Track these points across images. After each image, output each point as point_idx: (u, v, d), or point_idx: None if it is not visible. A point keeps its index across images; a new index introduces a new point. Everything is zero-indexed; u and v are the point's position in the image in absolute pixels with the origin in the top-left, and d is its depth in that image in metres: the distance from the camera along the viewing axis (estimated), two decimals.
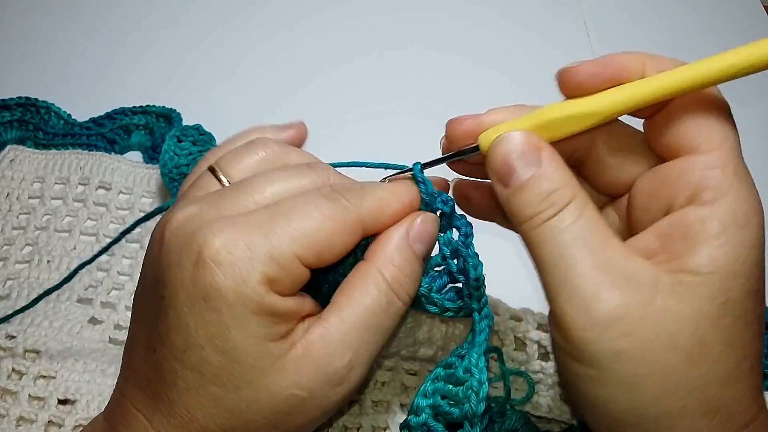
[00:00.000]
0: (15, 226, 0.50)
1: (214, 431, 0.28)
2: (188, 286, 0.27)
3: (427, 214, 0.31)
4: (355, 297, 0.29)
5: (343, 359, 0.28)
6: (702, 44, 0.67)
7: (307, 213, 0.28)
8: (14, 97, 0.57)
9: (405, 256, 0.30)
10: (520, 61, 0.65)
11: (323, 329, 0.28)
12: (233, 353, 0.27)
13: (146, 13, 0.67)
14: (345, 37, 0.66)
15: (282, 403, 0.28)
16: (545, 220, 0.27)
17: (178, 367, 0.28)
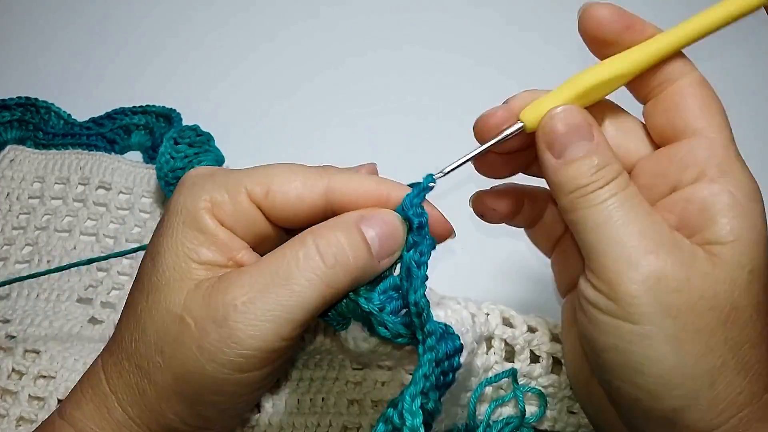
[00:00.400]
0: (15, 226, 0.50)
1: (126, 342, 0.29)
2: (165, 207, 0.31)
3: (392, 213, 0.30)
4: (278, 250, 0.29)
5: (234, 297, 0.27)
6: (702, 44, 0.67)
7: (278, 167, 0.30)
8: (14, 97, 0.57)
9: (346, 233, 0.29)
10: (520, 61, 0.65)
11: (237, 271, 0.28)
12: (157, 258, 0.29)
13: (146, 14, 0.67)
14: (344, 37, 0.66)
15: (171, 321, 0.28)
16: (595, 190, 0.28)
17: (132, 284, 0.31)
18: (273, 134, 0.59)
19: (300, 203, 0.29)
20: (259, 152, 0.56)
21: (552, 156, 0.29)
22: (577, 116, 0.29)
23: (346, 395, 0.40)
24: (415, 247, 0.30)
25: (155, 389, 0.28)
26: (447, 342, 0.30)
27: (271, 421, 0.39)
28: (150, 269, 0.29)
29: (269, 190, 0.29)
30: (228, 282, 0.28)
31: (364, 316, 0.30)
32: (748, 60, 0.67)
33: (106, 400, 0.30)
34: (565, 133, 0.29)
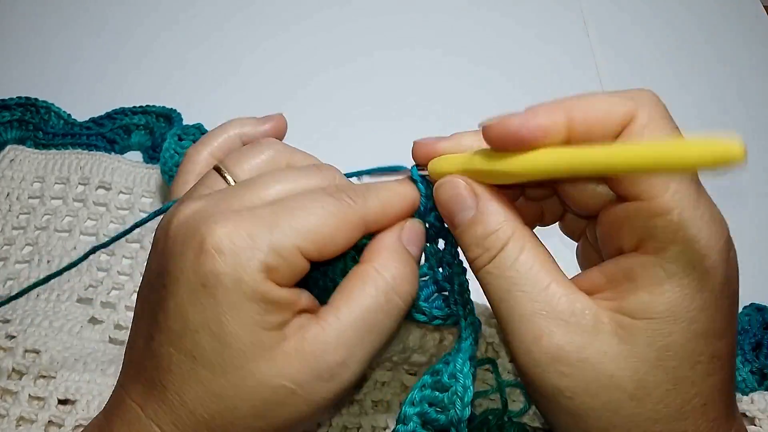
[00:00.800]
0: (15, 226, 0.50)
1: (202, 416, 0.28)
2: (189, 273, 0.27)
3: (413, 220, 0.32)
4: (353, 296, 0.29)
5: (335, 356, 0.28)
6: (702, 44, 0.67)
7: (311, 209, 0.28)
8: (14, 97, 0.57)
9: (401, 256, 0.30)
10: (520, 61, 0.65)
11: (319, 326, 0.28)
12: (225, 338, 0.27)
13: (147, 14, 0.67)
14: (345, 37, 0.66)
15: (270, 392, 0.28)
16: (484, 264, 0.29)
17: (173, 351, 0.28)
18: None
19: (347, 245, 0.30)
20: None
21: (452, 227, 0.30)
22: (454, 188, 0.30)
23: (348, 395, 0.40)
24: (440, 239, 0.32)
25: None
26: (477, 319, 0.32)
27: None
28: (219, 348, 0.28)
29: (321, 249, 0.29)
30: (319, 340, 0.28)
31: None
32: (748, 59, 0.67)
33: None
34: (447, 205, 0.30)
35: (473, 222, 0.29)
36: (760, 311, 0.47)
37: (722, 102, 0.63)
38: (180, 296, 0.28)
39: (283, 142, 0.36)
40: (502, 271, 0.28)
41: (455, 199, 0.29)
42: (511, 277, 0.28)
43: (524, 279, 0.28)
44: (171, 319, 0.28)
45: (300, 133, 0.59)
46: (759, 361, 0.45)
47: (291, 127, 0.60)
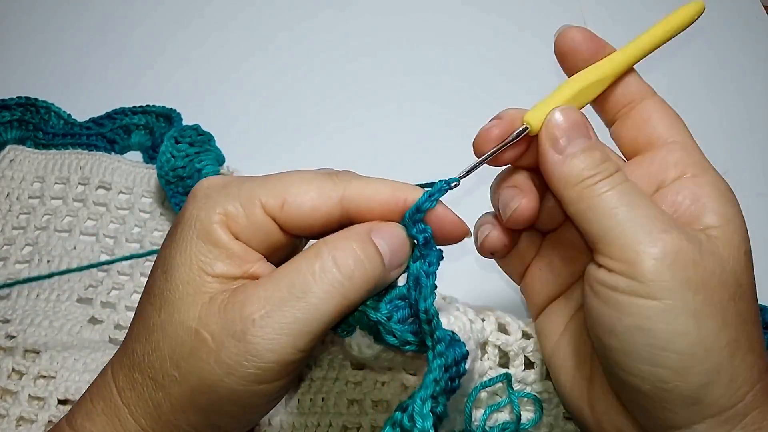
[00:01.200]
0: (15, 226, 0.50)
1: (138, 355, 0.29)
2: (176, 219, 0.30)
3: (399, 226, 0.31)
4: (293, 262, 0.29)
5: (251, 310, 0.27)
6: (702, 44, 0.67)
7: (288, 176, 0.30)
8: (14, 97, 0.57)
9: (359, 240, 0.29)
10: (520, 61, 0.65)
11: (253, 284, 0.28)
12: (170, 272, 0.29)
13: (147, 14, 0.67)
14: (345, 38, 0.66)
15: (187, 335, 0.28)
16: (601, 180, 0.30)
17: (142, 294, 0.30)
18: (273, 135, 0.59)
19: (316, 213, 0.29)
20: (259, 153, 0.56)
21: (555, 152, 0.31)
22: (576, 115, 0.31)
23: (346, 395, 0.40)
24: (423, 258, 0.31)
25: (171, 402, 0.28)
26: (455, 348, 0.30)
27: (271, 422, 0.39)
28: (162, 283, 0.29)
29: (284, 201, 0.29)
30: (244, 296, 0.28)
31: (371, 325, 0.30)
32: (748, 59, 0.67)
33: (118, 413, 0.29)
34: (567, 130, 0.31)
35: (592, 147, 0.31)
36: (761, 311, 0.47)
37: (722, 102, 0.63)
38: (162, 244, 0.30)
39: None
40: (620, 182, 0.30)
41: (576, 125, 0.31)
42: (628, 189, 0.30)
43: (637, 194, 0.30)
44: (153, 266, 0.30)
45: (300, 134, 0.59)
46: None
47: (291, 127, 0.60)
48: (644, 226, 0.29)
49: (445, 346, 0.29)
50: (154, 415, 0.29)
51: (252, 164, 0.53)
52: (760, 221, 0.54)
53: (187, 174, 0.49)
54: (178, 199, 0.48)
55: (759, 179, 0.57)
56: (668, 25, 0.34)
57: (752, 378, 0.29)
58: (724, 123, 0.61)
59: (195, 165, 0.49)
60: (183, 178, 0.49)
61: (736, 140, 0.60)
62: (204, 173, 0.49)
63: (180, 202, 0.48)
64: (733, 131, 0.60)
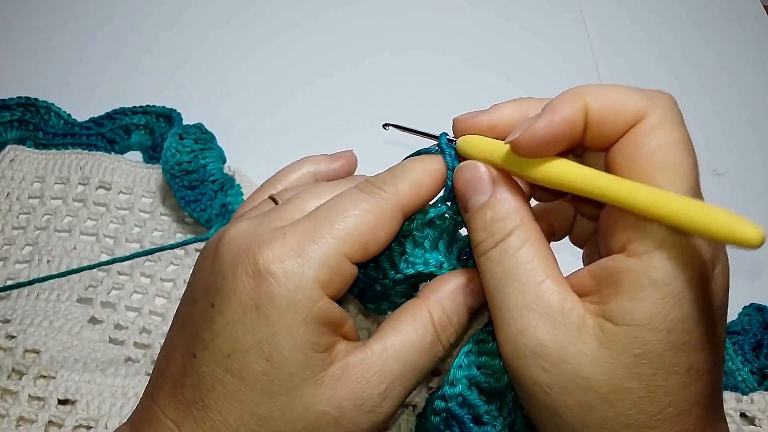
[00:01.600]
0: (15, 226, 0.50)
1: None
2: (242, 294, 0.28)
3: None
4: (401, 330, 0.30)
5: (379, 387, 0.28)
6: (702, 44, 0.67)
7: (346, 211, 0.29)
8: (14, 97, 0.57)
9: (457, 305, 0.30)
10: (520, 61, 0.65)
11: (365, 354, 0.29)
12: (278, 359, 0.28)
13: (147, 13, 0.67)
14: (346, 38, 0.66)
15: (313, 417, 0.28)
16: (487, 249, 0.29)
17: (219, 371, 0.28)
18: (274, 135, 0.59)
19: (389, 239, 0.30)
20: (260, 153, 0.56)
21: (464, 209, 0.30)
22: (476, 171, 0.30)
23: None
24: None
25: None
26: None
27: None
28: (269, 370, 0.28)
29: (366, 249, 0.29)
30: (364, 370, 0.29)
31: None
32: (748, 59, 0.67)
33: None
34: (464, 188, 0.30)
35: (485, 206, 0.29)
36: (760, 311, 0.47)
37: (722, 102, 0.63)
38: (231, 316, 0.28)
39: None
40: (502, 258, 0.28)
41: (473, 182, 0.30)
42: (509, 266, 0.28)
43: (521, 270, 0.28)
44: (219, 339, 0.28)
45: (301, 134, 0.59)
46: (759, 361, 0.45)
47: (292, 128, 0.60)
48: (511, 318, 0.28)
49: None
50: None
51: (253, 165, 0.53)
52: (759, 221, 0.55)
53: (193, 168, 0.49)
54: (183, 193, 0.49)
55: (759, 179, 0.57)
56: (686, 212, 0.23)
57: None
58: (724, 123, 0.61)
59: (200, 161, 0.50)
60: (188, 172, 0.49)
61: (736, 140, 0.60)
62: (209, 169, 0.50)
63: (185, 196, 0.49)
64: (733, 131, 0.61)
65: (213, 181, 0.50)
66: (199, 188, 0.49)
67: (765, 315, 0.47)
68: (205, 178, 0.50)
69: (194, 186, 0.49)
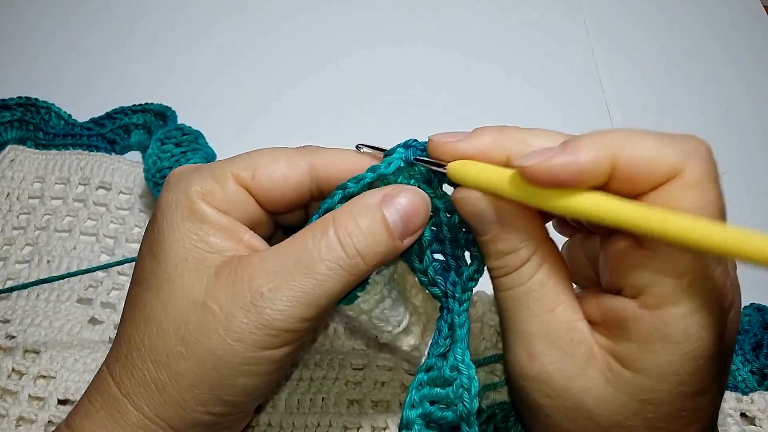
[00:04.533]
0: (15, 226, 0.50)
1: (135, 339, 0.29)
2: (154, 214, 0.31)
3: (415, 189, 0.30)
4: (298, 236, 0.29)
5: (260, 283, 0.28)
6: (702, 44, 0.67)
7: (259, 150, 0.31)
8: (15, 97, 0.57)
9: (370, 216, 0.29)
10: (520, 61, 0.65)
11: (258, 257, 0.29)
12: (162, 255, 0.29)
13: (147, 13, 0.67)
14: (341, 35, 0.66)
15: (192, 311, 0.28)
16: (500, 277, 0.29)
17: (131, 289, 0.31)
18: (269, 131, 0.59)
19: (286, 182, 0.30)
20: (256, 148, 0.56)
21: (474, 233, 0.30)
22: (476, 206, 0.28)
23: (346, 395, 0.40)
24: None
25: (177, 381, 0.28)
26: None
27: (271, 421, 0.39)
28: (154, 266, 0.29)
29: (255, 173, 0.30)
30: (251, 269, 0.28)
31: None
32: (748, 59, 0.67)
33: (117, 405, 0.29)
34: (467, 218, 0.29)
35: (494, 239, 0.28)
36: (760, 311, 0.47)
37: (723, 102, 0.63)
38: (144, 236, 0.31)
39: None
40: (514, 286, 0.28)
41: (476, 217, 0.29)
42: (522, 293, 0.28)
43: (533, 298, 0.28)
44: (137, 259, 0.31)
45: (298, 131, 0.59)
46: (759, 361, 0.45)
47: (289, 124, 0.60)
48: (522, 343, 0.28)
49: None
50: (159, 399, 0.29)
51: None
52: (760, 221, 0.55)
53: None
54: None
55: (759, 179, 0.57)
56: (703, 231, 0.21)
57: None
58: (724, 123, 0.61)
59: (182, 164, 0.49)
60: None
61: (736, 140, 0.60)
62: None
63: None
64: (733, 131, 0.60)
65: None
66: None
67: (765, 315, 0.47)
68: None
69: None
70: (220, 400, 0.29)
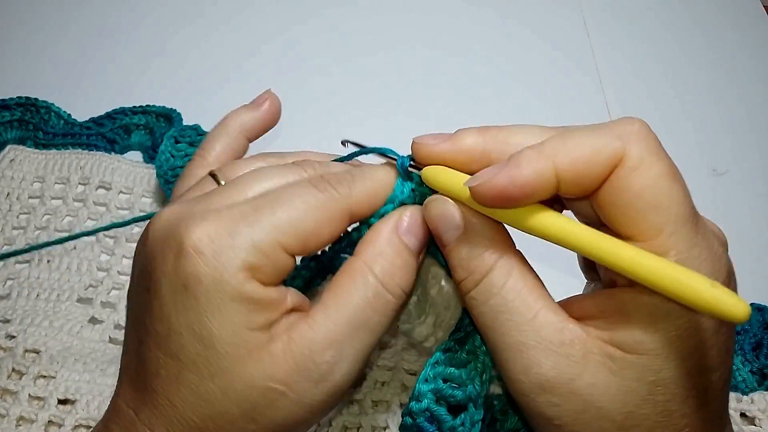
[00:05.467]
0: (15, 225, 0.50)
1: (193, 419, 0.28)
2: (170, 275, 0.27)
3: (416, 207, 0.30)
4: (341, 293, 0.29)
5: (324, 356, 0.28)
6: (702, 44, 0.67)
7: (292, 202, 0.28)
8: (14, 97, 0.57)
9: (395, 248, 0.29)
10: (520, 61, 0.65)
11: (306, 325, 0.28)
12: (209, 339, 0.27)
13: (148, 13, 0.67)
14: (346, 37, 0.66)
15: (258, 395, 0.27)
16: (470, 289, 0.28)
17: (160, 355, 0.28)
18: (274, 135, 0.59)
19: (329, 239, 0.29)
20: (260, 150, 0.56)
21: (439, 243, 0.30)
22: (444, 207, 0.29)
23: (345, 395, 0.40)
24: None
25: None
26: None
27: None
28: (202, 351, 0.27)
29: (305, 243, 0.28)
30: (308, 341, 0.28)
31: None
32: (748, 59, 0.67)
33: None
34: (434, 221, 0.29)
35: (459, 243, 0.28)
36: (760, 311, 0.47)
37: (722, 102, 0.63)
38: (163, 298, 0.27)
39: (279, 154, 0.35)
40: (488, 298, 0.28)
41: (443, 218, 0.29)
42: (498, 305, 0.27)
43: (511, 307, 0.27)
44: (156, 322, 0.28)
45: (301, 133, 0.59)
46: (759, 361, 0.45)
47: (292, 126, 0.60)
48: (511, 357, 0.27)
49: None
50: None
51: None
52: (760, 221, 0.55)
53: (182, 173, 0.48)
54: None
55: (759, 179, 0.57)
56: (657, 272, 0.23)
57: None
58: (724, 123, 0.61)
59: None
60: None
61: (736, 140, 0.60)
62: None
63: None
64: (733, 131, 0.61)
65: None
66: None
67: (765, 315, 0.47)
68: None
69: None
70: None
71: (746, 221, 0.53)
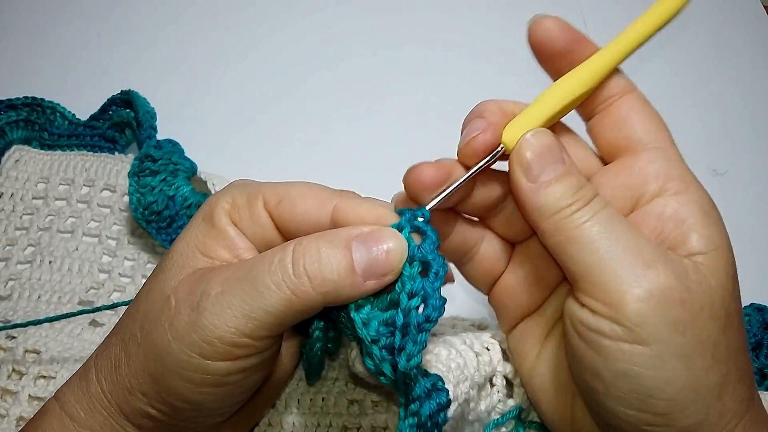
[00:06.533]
0: (18, 226, 0.50)
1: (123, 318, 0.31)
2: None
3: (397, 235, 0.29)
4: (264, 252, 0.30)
5: (207, 284, 0.28)
6: (702, 44, 0.67)
7: (299, 182, 0.31)
8: (20, 97, 0.56)
9: (331, 243, 0.28)
10: (520, 61, 0.65)
11: (224, 265, 0.30)
12: (173, 245, 0.31)
13: (148, 13, 0.67)
14: (336, 40, 0.66)
15: (159, 301, 0.29)
16: (578, 210, 0.28)
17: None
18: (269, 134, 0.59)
19: (305, 218, 0.30)
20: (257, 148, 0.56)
21: (528, 180, 0.29)
22: (548, 139, 0.29)
23: (346, 395, 0.40)
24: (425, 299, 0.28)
25: (128, 363, 0.29)
26: (432, 401, 0.27)
27: (271, 421, 0.39)
28: (165, 255, 0.31)
29: (281, 201, 0.30)
30: (213, 272, 0.29)
31: (357, 338, 0.29)
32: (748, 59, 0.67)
33: (87, 374, 0.31)
34: (540, 155, 0.29)
35: (568, 173, 0.29)
36: (760, 311, 0.47)
37: (722, 102, 0.63)
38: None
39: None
40: (596, 215, 0.28)
41: (549, 151, 0.29)
42: (607, 220, 0.28)
43: (618, 222, 0.28)
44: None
45: (296, 134, 0.59)
46: (759, 361, 0.45)
47: (287, 127, 0.60)
48: (627, 261, 0.27)
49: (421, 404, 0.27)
50: (113, 376, 0.30)
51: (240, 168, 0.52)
52: (760, 221, 0.55)
53: (162, 207, 0.46)
54: (163, 234, 0.46)
55: (759, 179, 0.57)
56: (651, 19, 0.32)
57: (741, 410, 0.28)
58: (723, 123, 0.61)
59: (166, 192, 0.47)
60: (159, 212, 0.46)
61: (736, 140, 0.60)
62: (179, 196, 0.46)
63: (167, 238, 0.46)
64: (733, 131, 0.60)
65: (188, 206, 0.46)
66: (176, 220, 0.47)
67: (765, 315, 0.47)
68: (178, 209, 0.46)
69: (171, 220, 0.47)
70: (162, 399, 0.29)
71: (746, 221, 0.53)
